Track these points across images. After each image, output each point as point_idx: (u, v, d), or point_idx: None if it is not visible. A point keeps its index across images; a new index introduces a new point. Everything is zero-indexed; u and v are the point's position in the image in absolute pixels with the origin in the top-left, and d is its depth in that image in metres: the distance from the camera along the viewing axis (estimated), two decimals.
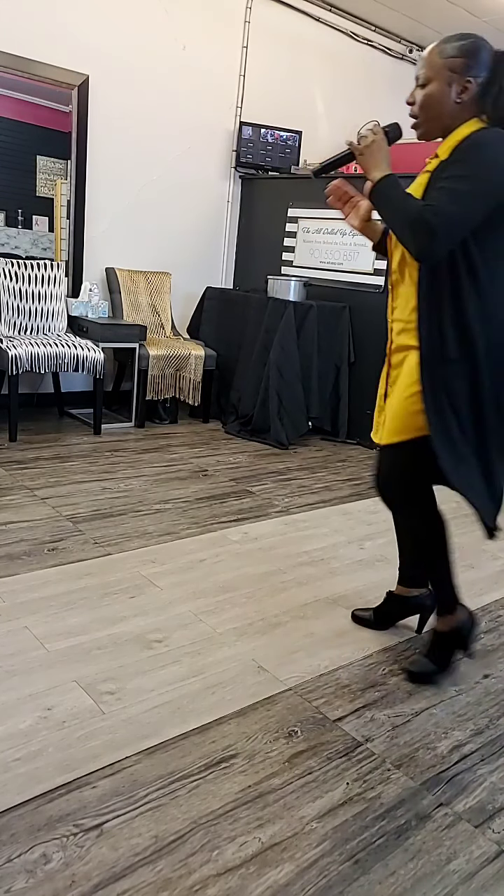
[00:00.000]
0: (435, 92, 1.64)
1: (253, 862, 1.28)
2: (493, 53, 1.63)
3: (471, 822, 1.42)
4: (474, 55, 1.61)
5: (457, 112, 1.64)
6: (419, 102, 1.68)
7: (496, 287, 1.64)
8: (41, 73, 3.84)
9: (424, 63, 1.66)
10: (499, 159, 1.55)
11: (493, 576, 2.61)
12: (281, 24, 4.76)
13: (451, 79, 1.62)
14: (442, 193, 1.55)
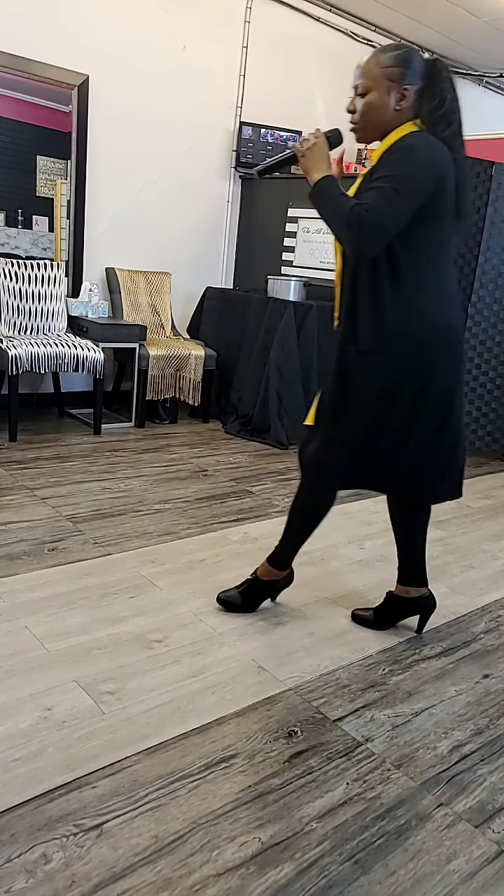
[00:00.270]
0: (375, 100, 1.74)
1: (253, 862, 1.28)
2: (426, 63, 1.75)
3: (471, 822, 1.42)
4: (409, 64, 1.72)
5: (395, 118, 1.74)
6: (360, 111, 1.77)
7: (420, 282, 1.73)
8: (41, 73, 3.84)
9: (362, 73, 1.76)
10: (424, 161, 1.65)
11: (493, 576, 2.62)
12: (281, 24, 4.76)
13: (389, 87, 1.72)
14: (373, 192, 1.64)
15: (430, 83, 1.73)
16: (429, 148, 1.66)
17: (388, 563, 2.63)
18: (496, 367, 4.14)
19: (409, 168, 1.64)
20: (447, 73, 1.74)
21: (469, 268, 4.00)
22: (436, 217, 1.71)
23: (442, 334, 1.77)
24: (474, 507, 3.38)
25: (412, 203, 1.64)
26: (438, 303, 1.76)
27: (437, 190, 1.67)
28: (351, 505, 3.22)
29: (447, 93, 1.72)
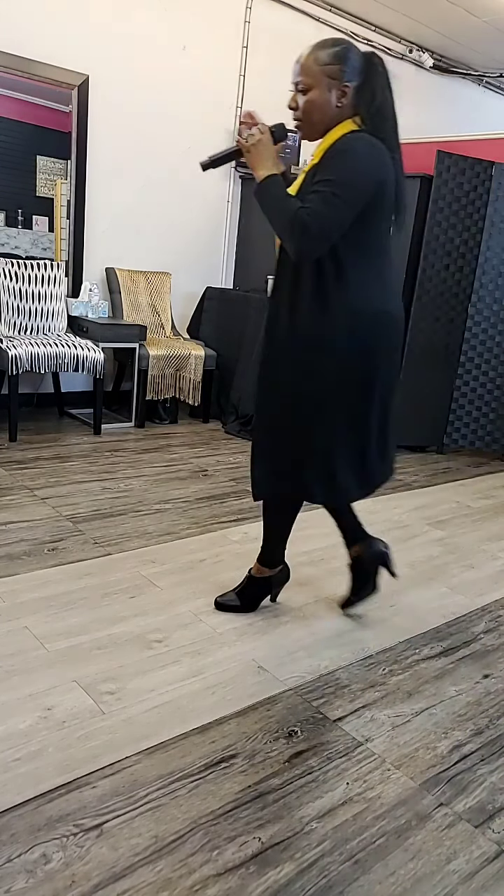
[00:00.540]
0: (316, 98, 1.74)
1: (253, 862, 1.28)
2: (363, 58, 1.75)
3: (471, 822, 1.43)
4: (348, 61, 1.72)
5: (337, 115, 1.75)
6: (302, 108, 1.77)
7: (362, 279, 1.77)
8: (41, 73, 3.84)
9: (302, 70, 1.74)
10: (365, 166, 1.67)
11: (493, 576, 2.62)
12: (281, 24, 4.76)
13: (330, 85, 1.72)
14: (316, 197, 1.66)
15: (366, 79, 1.74)
16: (370, 151, 1.68)
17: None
18: (496, 367, 4.14)
19: (350, 173, 1.66)
20: (383, 68, 1.76)
21: (469, 268, 4.00)
22: (376, 218, 1.75)
23: (384, 326, 1.82)
24: (474, 507, 3.38)
25: (354, 208, 1.67)
26: (379, 298, 1.81)
27: (378, 193, 1.70)
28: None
29: (384, 89, 1.75)
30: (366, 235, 1.75)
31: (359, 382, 1.83)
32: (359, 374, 1.83)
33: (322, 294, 1.77)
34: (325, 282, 1.76)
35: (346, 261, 1.75)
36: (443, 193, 3.84)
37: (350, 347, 1.79)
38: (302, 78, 1.74)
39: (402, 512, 3.21)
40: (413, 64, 5.58)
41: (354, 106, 1.75)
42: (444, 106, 5.92)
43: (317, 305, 1.78)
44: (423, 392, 4.14)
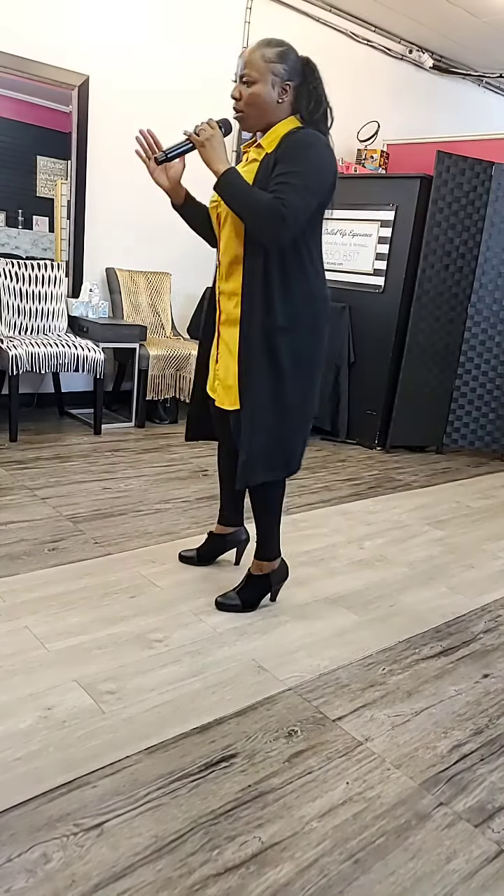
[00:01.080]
0: (261, 91, 1.86)
1: (253, 861, 1.28)
2: (301, 60, 1.89)
3: (470, 821, 1.43)
4: (290, 61, 1.87)
5: (278, 110, 1.88)
6: (245, 99, 1.88)
7: (315, 267, 1.93)
8: (41, 74, 3.84)
9: (248, 64, 1.86)
10: (325, 160, 1.83)
11: (493, 576, 2.62)
12: (281, 24, 4.76)
13: (273, 81, 1.86)
14: (286, 188, 1.76)
15: (305, 80, 1.89)
16: (327, 148, 1.84)
17: (389, 562, 2.63)
18: (496, 367, 4.14)
19: (318, 167, 1.80)
20: (318, 73, 1.91)
21: (468, 268, 4.00)
22: (323, 209, 1.89)
23: (326, 307, 1.99)
24: (474, 507, 3.39)
25: (319, 199, 1.82)
26: (323, 280, 1.98)
27: (333, 185, 1.86)
28: (351, 505, 3.22)
29: (321, 92, 1.90)
30: (318, 229, 1.92)
31: (319, 360, 2.02)
32: (320, 353, 2.01)
33: (289, 284, 1.89)
34: (290, 272, 1.88)
35: (305, 252, 1.89)
36: (443, 194, 3.84)
37: (314, 330, 1.96)
38: (248, 71, 1.86)
39: (402, 512, 3.21)
40: (413, 64, 5.58)
41: (294, 106, 1.89)
42: (443, 106, 5.92)
43: (287, 295, 1.89)
44: (422, 392, 4.14)
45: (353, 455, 4.11)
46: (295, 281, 1.89)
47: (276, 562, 2.19)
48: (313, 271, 1.92)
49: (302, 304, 1.92)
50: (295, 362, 1.95)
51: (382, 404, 4.19)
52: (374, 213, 4.09)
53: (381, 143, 5.15)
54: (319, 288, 1.95)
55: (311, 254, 1.91)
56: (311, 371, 2.01)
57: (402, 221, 3.97)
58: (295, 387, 1.98)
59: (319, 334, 1.99)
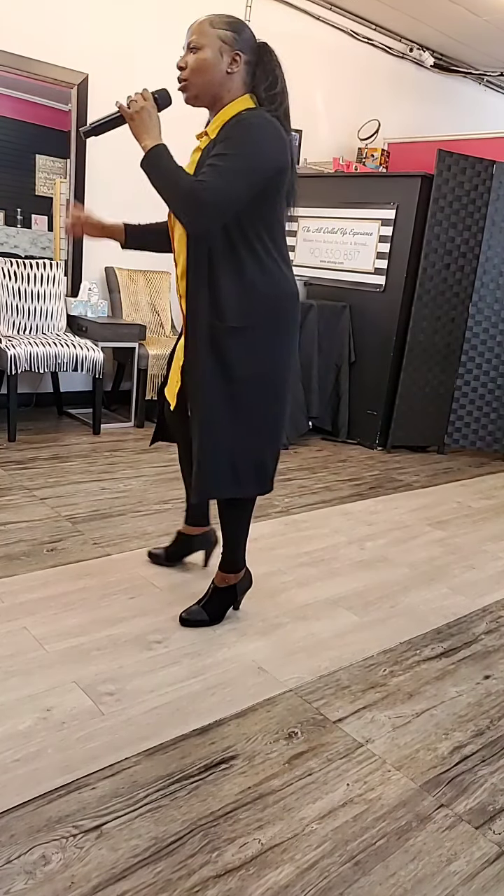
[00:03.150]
0: (208, 57, 1.72)
1: (253, 863, 1.27)
2: (256, 41, 1.78)
3: (471, 823, 1.42)
4: (241, 32, 1.74)
5: (226, 82, 1.74)
6: (191, 66, 1.74)
7: (273, 257, 1.78)
8: (41, 73, 3.83)
9: (195, 31, 1.75)
10: (261, 141, 1.65)
11: (493, 576, 2.61)
12: (281, 24, 4.75)
13: (222, 48, 1.72)
14: (211, 170, 1.62)
15: (261, 61, 1.76)
16: (270, 127, 1.67)
17: (390, 563, 2.63)
18: (497, 367, 4.13)
19: (251, 149, 1.64)
20: (276, 57, 1.78)
21: (469, 267, 4.00)
22: (278, 196, 1.75)
23: (294, 305, 1.84)
24: (475, 507, 3.38)
25: (251, 185, 1.65)
26: (288, 276, 1.83)
27: (279, 170, 1.70)
28: (351, 505, 3.22)
29: (279, 75, 1.76)
30: (271, 212, 1.76)
31: (284, 364, 1.85)
32: (285, 355, 1.84)
33: (242, 279, 1.75)
34: (243, 267, 1.74)
35: (260, 244, 1.75)
36: (443, 192, 3.83)
37: (276, 330, 1.80)
38: (195, 37, 1.74)
39: (403, 512, 3.20)
40: (414, 63, 5.58)
41: (249, 85, 1.77)
42: (444, 105, 5.91)
43: (239, 292, 1.75)
44: (423, 392, 4.14)
45: (354, 455, 4.10)
46: (249, 276, 1.74)
47: (242, 572, 2.10)
48: (272, 265, 1.77)
49: (258, 301, 1.76)
50: (252, 367, 1.79)
51: (383, 404, 4.18)
52: (375, 211, 4.08)
53: (382, 141, 5.14)
54: (281, 283, 1.79)
55: (269, 245, 1.76)
56: (276, 376, 1.84)
57: (402, 220, 3.96)
58: (255, 395, 1.82)
59: (284, 334, 1.82)
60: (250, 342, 1.78)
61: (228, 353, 1.77)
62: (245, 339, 1.77)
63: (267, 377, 1.83)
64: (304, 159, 4.91)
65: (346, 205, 4.23)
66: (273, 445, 1.91)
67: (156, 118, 1.74)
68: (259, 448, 1.89)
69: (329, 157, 5.07)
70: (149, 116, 1.72)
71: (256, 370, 1.80)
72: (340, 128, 5.26)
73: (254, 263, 1.75)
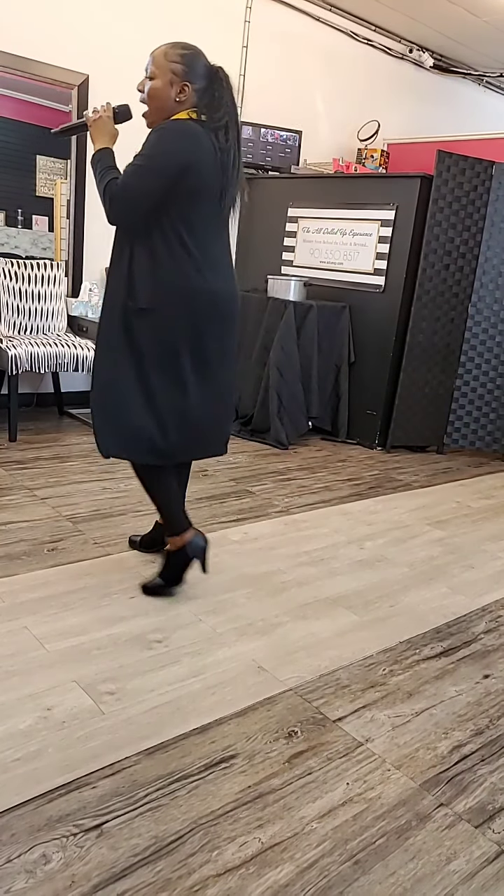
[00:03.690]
0: (159, 87, 1.96)
1: (253, 862, 1.28)
2: (209, 67, 1.98)
3: (471, 822, 1.42)
4: (192, 66, 1.95)
5: (176, 107, 1.97)
6: (147, 92, 1.99)
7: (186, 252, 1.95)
8: (41, 73, 3.83)
9: (153, 61, 1.97)
10: (166, 143, 1.88)
11: (493, 576, 2.61)
12: (281, 24, 4.76)
13: (172, 80, 1.95)
14: (127, 169, 1.89)
15: (210, 84, 1.97)
16: (180, 134, 1.89)
17: (389, 562, 2.63)
18: (496, 367, 4.14)
19: (158, 149, 1.88)
20: (227, 82, 1.99)
21: (469, 268, 4.00)
22: (194, 195, 1.93)
23: (208, 300, 2.00)
24: (474, 507, 3.38)
25: (159, 180, 1.87)
26: (204, 271, 1.98)
27: (186, 172, 1.88)
28: (351, 505, 3.22)
29: (224, 95, 1.97)
30: (194, 218, 1.95)
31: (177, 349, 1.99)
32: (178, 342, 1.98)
33: (154, 267, 1.94)
34: (156, 256, 1.94)
35: (175, 236, 1.93)
36: (443, 193, 3.84)
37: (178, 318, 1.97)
38: (152, 67, 1.96)
39: (403, 512, 3.21)
40: (413, 64, 5.58)
41: (195, 105, 1.98)
42: (444, 106, 5.92)
43: (147, 279, 1.94)
44: (423, 392, 4.14)
45: (354, 455, 4.10)
46: (159, 266, 1.93)
47: (188, 534, 2.16)
48: (184, 256, 1.94)
49: (165, 289, 1.94)
50: (154, 346, 1.98)
51: (383, 404, 4.18)
52: (375, 212, 4.08)
53: (382, 142, 5.15)
54: (192, 278, 1.96)
55: (185, 238, 1.94)
56: (176, 360, 2.00)
57: (402, 221, 3.97)
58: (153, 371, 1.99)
59: (190, 323, 1.98)
60: (155, 324, 1.97)
61: (134, 331, 1.98)
62: (150, 320, 1.97)
63: (166, 359, 1.99)
64: (304, 160, 4.91)
65: (346, 205, 4.23)
66: (164, 421, 2.03)
67: (110, 127, 2.02)
68: (148, 421, 2.03)
69: (329, 157, 5.08)
70: (104, 125, 2.01)
71: (158, 350, 1.98)
72: (340, 128, 5.27)
73: (168, 254, 1.93)
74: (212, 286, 1.99)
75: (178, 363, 2.00)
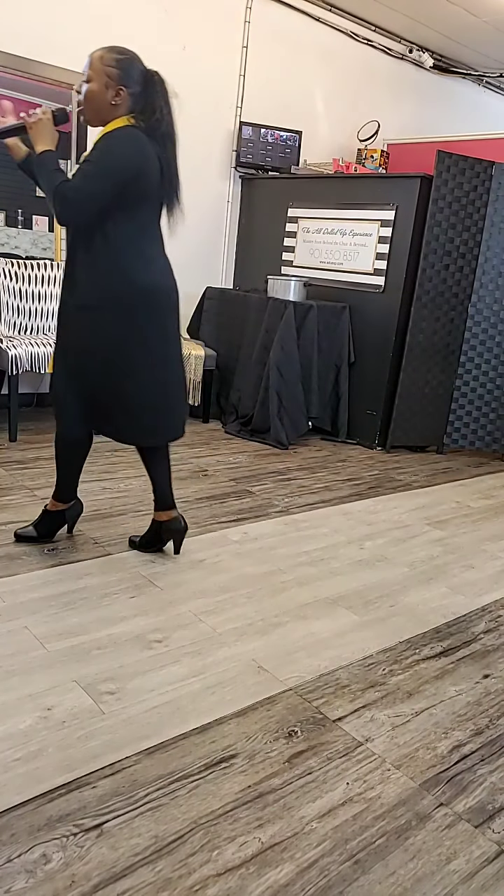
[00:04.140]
0: (95, 90, 2.06)
1: (253, 862, 1.28)
2: (144, 72, 2.08)
3: (471, 822, 1.42)
4: (128, 70, 2.05)
5: (112, 110, 2.06)
6: (83, 94, 2.08)
7: (127, 252, 2.08)
8: (41, 73, 3.84)
9: (90, 64, 2.05)
10: (117, 149, 1.99)
11: (492, 575, 2.62)
12: (281, 24, 4.76)
13: (107, 83, 2.04)
14: (77, 173, 1.98)
15: (145, 90, 2.07)
16: (129, 140, 2.00)
17: (389, 562, 2.63)
18: (496, 367, 4.14)
19: (108, 155, 1.98)
20: (162, 86, 2.10)
21: (469, 268, 4.00)
22: (139, 199, 2.05)
23: (147, 295, 2.13)
24: (474, 507, 3.39)
25: (109, 184, 1.97)
26: (144, 269, 2.11)
27: (135, 177, 2.01)
28: (351, 505, 3.22)
29: (159, 101, 2.08)
30: (130, 212, 2.06)
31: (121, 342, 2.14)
32: (122, 335, 2.13)
33: (96, 265, 2.08)
34: (98, 255, 2.07)
35: (119, 236, 2.06)
36: (443, 193, 3.84)
37: (119, 315, 2.11)
38: (88, 70, 2.06)
39: (402, 512, 3.21)
40: (413, 64, 5.58)
41: (131, 108, 2.07)
42: (443, 106, 5.92)
43: (93, 275, 2.08)
44: (423, 392, 4.14)
45: (354, 455, 4.11)
46: (103, 263, 2.06)
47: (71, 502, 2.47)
48: (130, 255, 2.07)
49: (107, 288, 2.08)
50: (96, 341, 2.13)
51: (382, 404, 4.18)
52: (375, 212, 4.09)
53: (382, 142, 5.15)
54: (135, 278, 2.09)
55: (129, 238, 2.07)
56: (118, 355, 2.15)
57: (402, 221, 3.97)
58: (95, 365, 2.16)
59: (131, 321, 2.12)
60: (96, 320, 2.12)
61: (77, 325, 2.15)
62: (92, 316, 2.12)
63: (107, 353, 2.14)
64: (304, 160, 4.91)
65: (346, 206, 4.23)
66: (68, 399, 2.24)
67: (50, 129, 2.08)
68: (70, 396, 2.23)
69: (329, 157, 5.08)
70: (44, 127, 2.07)
71: (99, 344, 2.13)
72: (340, 129, 5.27)
73: (110, 252, 2.06)
74: (149, 282, 2.13)
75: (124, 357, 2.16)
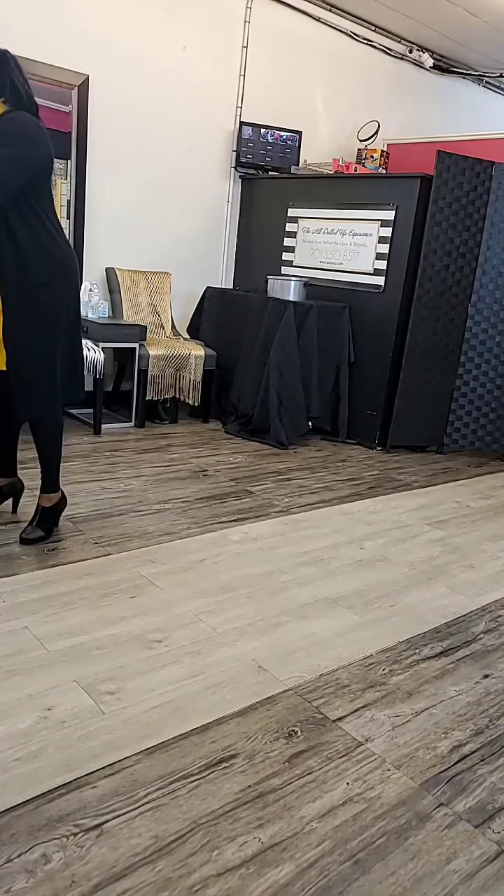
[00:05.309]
0: None
1: (253, 862, 1.28)
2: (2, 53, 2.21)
3: (471, 822, 1.43)
4: None
5: None
6: None
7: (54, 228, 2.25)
8: (41, 73, 3.83)
9: None
10: (34, 136, 2.15)
11: (492, 575, 2.62)
12: (281, 24, 4.76)
13: None
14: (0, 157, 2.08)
15: (4, 70, 2.22)
16: (36, 125, 2.19)
17: (389, 562, 2.63)
18: (496, 367, 4.14)
19: (29, 142, 2.13)
20: (13, 63, 2.26)
21: (469, 268, 4.00)
22: (45, 178, 2.24)
23: (72, 267, 2.33)
24: (474, 507, 3.39)
25: (30, 169, 2.13)
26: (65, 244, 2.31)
27: (49, 158, 2.20)
28: (351, 505, 3.22)
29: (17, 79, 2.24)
30: (47, 199, 2.25)
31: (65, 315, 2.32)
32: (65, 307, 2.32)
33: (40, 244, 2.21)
34: (38, 234, 2.21)
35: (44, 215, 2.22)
36: (443, 193, 3.84)
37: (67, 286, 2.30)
38: None
39: (402, 512, 3.21)
40: (413, 64, 5.58)
41: None
42: (444, 106, 5.92)
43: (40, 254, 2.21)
44: (423, 392, 4.14)
45: (354, 455, 4.11)
46: (44, 242, 2.22)
47: (10, 478, 2.66)
48: (55, 232, 2.26)
49: (60, 260, 2.26)
50: (56, 315, 2.29)
51: (383, 404, 4.18)
52: (375, 212, 4.09)
53: (382, 142, 5.15)
54: (64, 248, 2.29)
55: (49, 216, 2.24)
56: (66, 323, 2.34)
57: (402, 221, 3.97)
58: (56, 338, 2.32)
59: (73, 289, 2.34)
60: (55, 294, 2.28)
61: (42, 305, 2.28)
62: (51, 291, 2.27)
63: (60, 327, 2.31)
64: (304, 160, 4.91)
65: (346, 206, 4.23)
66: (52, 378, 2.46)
67: None
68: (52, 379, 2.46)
69: (329, 157, 5.08)
70: None
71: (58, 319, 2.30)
72: (340, 129, 5.27)
73: (44, 231, 2.22)
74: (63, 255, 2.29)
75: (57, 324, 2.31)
